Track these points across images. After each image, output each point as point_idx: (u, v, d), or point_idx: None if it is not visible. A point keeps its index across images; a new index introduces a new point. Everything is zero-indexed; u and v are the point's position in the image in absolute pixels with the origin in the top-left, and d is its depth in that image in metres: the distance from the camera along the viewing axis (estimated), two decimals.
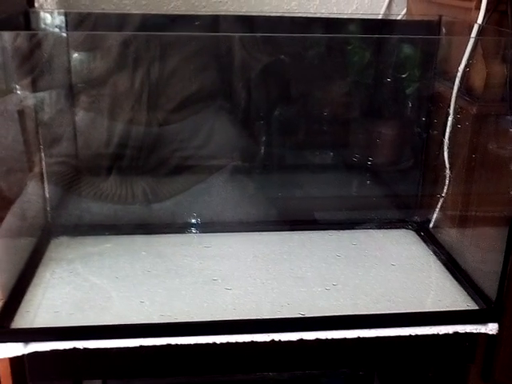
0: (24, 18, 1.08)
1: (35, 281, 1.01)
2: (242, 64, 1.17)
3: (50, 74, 1.13)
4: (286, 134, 1.24)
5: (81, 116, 1.18)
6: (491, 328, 0.93)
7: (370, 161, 1.24)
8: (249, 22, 1.13)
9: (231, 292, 0.98)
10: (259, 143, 1.22)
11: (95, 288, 0.99)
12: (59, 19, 1.09)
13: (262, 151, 1.23)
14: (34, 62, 1.09)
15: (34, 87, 1.12)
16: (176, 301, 0.96)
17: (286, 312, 0.94)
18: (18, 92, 1.14)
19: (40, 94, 1.14)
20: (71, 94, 1.16)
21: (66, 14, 1.08)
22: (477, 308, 0.95)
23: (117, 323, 0.89)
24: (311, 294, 0.99)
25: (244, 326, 0.90)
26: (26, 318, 0.90)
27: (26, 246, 1.10)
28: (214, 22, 1.12)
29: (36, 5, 1.17)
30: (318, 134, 1.24)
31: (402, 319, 0.92)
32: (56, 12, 1.12)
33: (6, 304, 0.92)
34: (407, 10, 1.31)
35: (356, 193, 1.26)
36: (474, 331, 0.92)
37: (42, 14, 1.11)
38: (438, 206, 1.16)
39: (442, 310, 0.94)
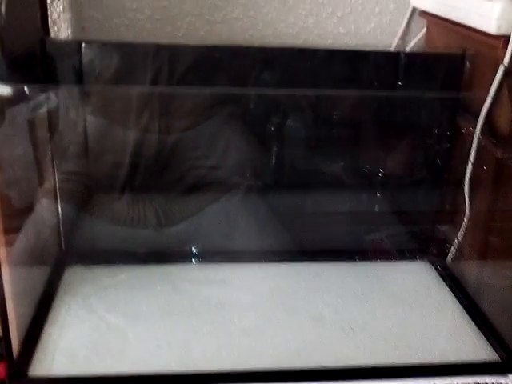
0: (40, 47, 1.06)
1: (51, 318, 1.00)
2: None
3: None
4: (302, 158, 1.22)
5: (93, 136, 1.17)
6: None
7: (388, 193, 1.23)
8: (265, 54, 1.11)
9: (249, 338, 0.97)
10: (270, 165, 1.21)
11: (111, 328, 0.99)
12: (74, 48, 1.07)
13: (274, 176, 1.22)
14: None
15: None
16: (193, 344, 0.95)
17: (304, 359, 0.93)
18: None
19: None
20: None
21: (81, 44, 1.07)
22: (497, 359, 0.94)
23: (134, 372, 0.89)
24: (329, 338, 0.98)
25: (262, 376, 0.89)
26: (43, 363, 0.90)
27: (41, 276, 1.09)
28: (232, 52, 1.11)
29: (51, 26, 1.16)
30: (333, 162, 1.23)
31: (423, 370, 0.91)
32: (72, 42, 1.11)
33: (23, 346, 0.91)
34: (426, 32, 1.29)
35: (373, 225, 1.24)
36: (494, 382, 0.91)
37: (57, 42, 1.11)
38: (456, 241, 1.15)
39: (461, 361, 0.93)
